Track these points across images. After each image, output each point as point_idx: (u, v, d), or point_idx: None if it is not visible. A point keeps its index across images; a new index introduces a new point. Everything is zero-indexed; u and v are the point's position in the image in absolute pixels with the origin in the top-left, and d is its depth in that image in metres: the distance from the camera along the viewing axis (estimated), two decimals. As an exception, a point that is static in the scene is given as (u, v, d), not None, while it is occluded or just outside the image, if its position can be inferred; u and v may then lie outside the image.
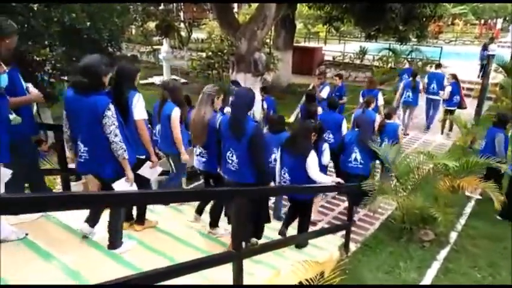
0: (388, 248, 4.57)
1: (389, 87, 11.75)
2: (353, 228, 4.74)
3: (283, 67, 13.48)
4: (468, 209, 5.60)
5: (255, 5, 12.41)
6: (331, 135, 5.47)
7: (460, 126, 7.78)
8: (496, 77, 11.73)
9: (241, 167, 3.27)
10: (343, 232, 4.55)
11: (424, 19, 11.51)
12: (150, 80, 14.00)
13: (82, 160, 2.83)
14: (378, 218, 5.30)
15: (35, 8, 5.78)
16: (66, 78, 6.66)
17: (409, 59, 14.53)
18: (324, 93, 7.09)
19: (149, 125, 3.52)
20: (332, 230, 4.68)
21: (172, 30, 15.11)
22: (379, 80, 13.14)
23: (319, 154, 4.31)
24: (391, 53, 15.43)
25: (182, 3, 16.44)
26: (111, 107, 2.68)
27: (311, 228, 4.51)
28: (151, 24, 16.63)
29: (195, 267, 2.42)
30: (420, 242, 4.64)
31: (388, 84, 12.59)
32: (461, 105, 8.57)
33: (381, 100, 7.28)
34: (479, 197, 5.80)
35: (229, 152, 3.30)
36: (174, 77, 12.78)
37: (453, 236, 4.91)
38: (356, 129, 5.11)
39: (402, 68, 12.56)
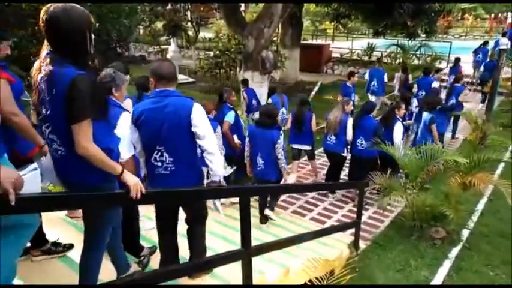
0: (399, 246, 4.54)
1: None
2: (362, 226, 4.71)
3: (291, 65, 13.44)
4: (480, 206, 5.52)
5: (262, 3, 12.38)
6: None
7: (470, 121, 7.68)
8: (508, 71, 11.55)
9: None
10: (353, 230, 4.54)
11: (432, 14, 11.37)
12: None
13: (259, 169, 4.44)
14: (387, 216, 5.25)
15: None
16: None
17: (418, 55, 14.34)
18: None
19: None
20: (341, 227, 4.67)
21: (179, 30, 15.15)
22: (388, 76, 13.04)
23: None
24: (399, 49, 15.25)
25: (189, 3, 16.49)
26: (281, 137, 4.27)
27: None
28: (159, 24, 16.70)
29: (205, 265, 2.44)
30: (431, 239, 4.59)
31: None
32: None
33: None
34: None
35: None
36: (182, 76, 12.83)
37: (465, 233, 4.84)
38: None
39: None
